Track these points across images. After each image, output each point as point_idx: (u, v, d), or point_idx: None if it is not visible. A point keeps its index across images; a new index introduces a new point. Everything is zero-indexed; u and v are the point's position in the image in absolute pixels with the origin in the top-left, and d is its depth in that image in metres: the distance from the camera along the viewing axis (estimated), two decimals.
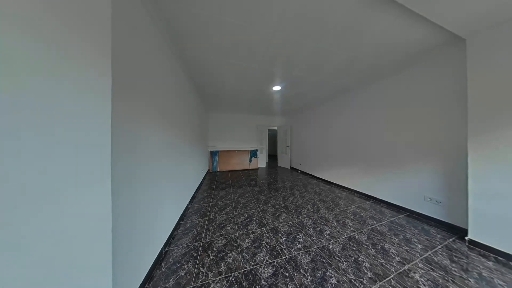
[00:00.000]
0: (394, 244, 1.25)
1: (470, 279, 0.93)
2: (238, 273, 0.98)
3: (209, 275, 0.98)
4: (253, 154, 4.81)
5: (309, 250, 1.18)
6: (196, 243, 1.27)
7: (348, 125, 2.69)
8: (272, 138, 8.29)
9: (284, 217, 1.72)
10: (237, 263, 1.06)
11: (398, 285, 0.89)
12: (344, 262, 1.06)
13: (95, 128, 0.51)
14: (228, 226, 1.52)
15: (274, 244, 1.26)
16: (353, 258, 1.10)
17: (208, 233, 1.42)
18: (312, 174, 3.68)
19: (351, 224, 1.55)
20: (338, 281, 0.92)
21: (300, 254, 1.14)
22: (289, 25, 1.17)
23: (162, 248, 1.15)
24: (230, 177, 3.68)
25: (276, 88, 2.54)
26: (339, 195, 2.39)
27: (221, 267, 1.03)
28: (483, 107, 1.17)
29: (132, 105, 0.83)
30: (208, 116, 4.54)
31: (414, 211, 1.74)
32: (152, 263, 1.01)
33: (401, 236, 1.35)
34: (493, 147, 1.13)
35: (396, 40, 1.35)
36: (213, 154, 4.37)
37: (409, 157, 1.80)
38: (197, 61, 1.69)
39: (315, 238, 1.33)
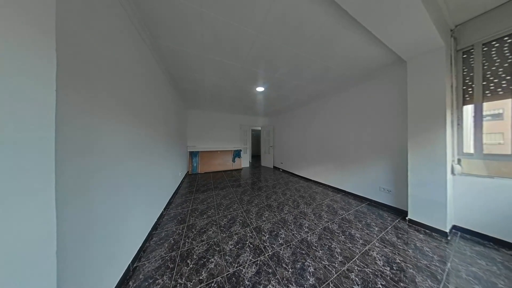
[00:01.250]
0: (358, 229, 1.46)
1: (409, 250, 1.18)
2: (221, 277, 0.95)
3: (189, 285, 0.90)
4: (237, 154, 4.75)
5: (290, 244, 1.25)
6: (173, 253, 1.16)
7: (323, 127, 2.99)
8: (256, 138, 8.38)
9: (267, 215, 1.76)
10: (219, 268, 1.02)
11: (361, 263, 1.05)
12: (320, 251, 1.18)
13: (31, 122, 0.39)
14: (210, 230, 1.45)
15: (258, 242, 1.27)
16: (327, 246, 1.23)
17: (187, 240, 1.31)
18: (293, 172, 3.91)
19: (325, 216, 1.73)
20: (315, 269, 1.01)
21: (282, 249, 1.20)
22: (272, 29, 1.22)
23: (130, 265, 1.00)
24: (212, 178, 3.51)
25: (260, 89, 2.59)
26: (315, 191, 2.63)
27: (202, 274, 0.97)
28: (416, 115, 1.51)
29: (88, 97, 0.69)
30: (187, 114, 4.20)
31: (373, 200, 2.09)
32: (115, 284, 0.86)
33: (364, 222, 1.59)
34: (422, 146, 1.47)
35: (360, 55, 1.59)
36: (192, 155, 4.07)
37: (368, 155, 2.15)
38: (174, 52, 1.54)
39: (295, 232, 1.42)
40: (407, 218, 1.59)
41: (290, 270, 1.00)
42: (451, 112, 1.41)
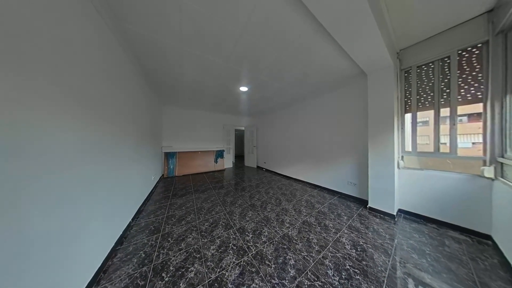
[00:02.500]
0: (331, 219, 1.65)
1: (369, 233, 1.41)
2: (202, 286, 0.90)
3: None
4: (219, 154, 4.58)
5: (273, 241, 1.30)
6: (144, 268, 1.02)
7: (302, 128, 3.23)
8: (239, 138, 8.30)
9: (250, 215, 1.77)
10: (200, 276, 0.96)
11: (334, 250, 1.19)
12: (300, 243, 1.26)
13: None
14: (190, 237, 1.35)
15: (241, 243, 1.26)
16: (306, 238, 1.34)
17: (162, 251, 1.18)
18: (275, 171, 4.07)
19: (304, 210, 1.87)
20: (295, 261, 1.08)
21: (265, 246, 1.23)
22: (256, 30, 1.23)
23: None
24: (192, 181, 3.28)
25: (243, 88, 2.57)
26: (296, 187, 2.81)
27: (180, 286, 0.90)
28: (374, 120, 1.82)
29: (17, 83, 0.53)
30: (163, 111, 3.78)
31: (342, 193, 2.39)
32: None
33: (335, 213, 1.81)
34: (378, 146, 1.79)
35: (333, 64, 1.79)
36: (169, 156, 3.69)
37: (339, 153, 2.45)
38: (145, 40, 1.36)
39: (278, 229, 1.48)
40: (368, 206, 1.90)
41: (273, 266, 1.04)
42: (397, 119, 1.76)
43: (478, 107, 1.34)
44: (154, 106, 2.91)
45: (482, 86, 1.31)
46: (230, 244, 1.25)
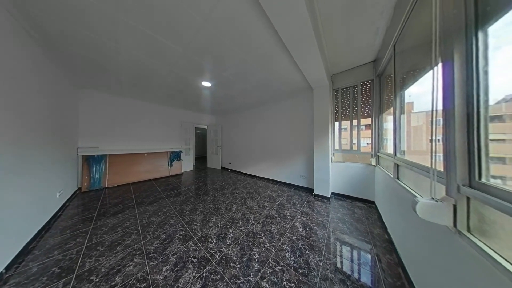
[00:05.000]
0: (288, 209, 1.91)
1: (314, 214, 1.79)
2: None
3: None
4: (175, 156, 3.90)
5: (238, 241, 1.30)
6: None
7: (265, 129, 3.49)
8: (201, 137, 7.54)
9: (214, 220, 1.66)
10: None
11: (291, 235, 1.39)
12: (263, 237, 1.36)
13: None
14: (130, 265, 1.04)
15: (203, 253, 1.15)
16: (268, 230, 1.46)
17: None
18: (241, 171, 4.10)
19: (267, 205, 2.03)
20: (259, 254, 1.14)
21: (230, 249, 1.20)
22: (221, 24, 1.18)
23: None
24: (134, 192, 2.55)
25: (206, 83, 2.37)
26: (259, 185, 2.99)
27: None
28: (317, 125, 2.34)
29: None
30: (80, 97, 2.63)
31: (297, 185, 2.85)
32: None
33: (292, 203, 2.12)
34: (320, 146, 2.31)
35: (290, 76, 2.09)
36: (92, 161, 2.64)
37: (294, 152, 2.91)
38: None
39: (243, 228, 1.50)
40: (313, 193, 2.39)
41: (238, 266, 1.04)
42: (331, 125, 2.37)
43: (369, 121, 2.10)
44: (61, 87, 1.97)
45: (370, 107, 2.07)
46: (190, 258, 1.10)
